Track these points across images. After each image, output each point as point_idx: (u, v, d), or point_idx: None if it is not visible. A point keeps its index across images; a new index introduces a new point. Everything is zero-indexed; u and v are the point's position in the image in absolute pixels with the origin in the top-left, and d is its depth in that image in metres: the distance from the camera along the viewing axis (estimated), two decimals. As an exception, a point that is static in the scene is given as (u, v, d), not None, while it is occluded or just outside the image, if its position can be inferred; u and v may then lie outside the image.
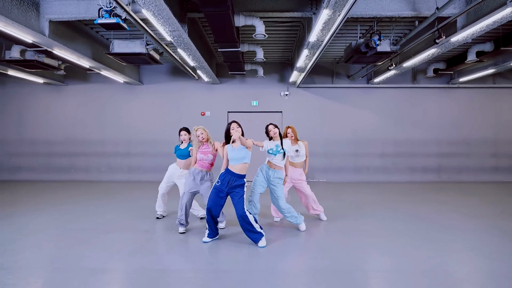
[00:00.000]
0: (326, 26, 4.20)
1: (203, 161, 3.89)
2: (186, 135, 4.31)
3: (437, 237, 3.71)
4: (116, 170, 8.62)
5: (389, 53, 5.41)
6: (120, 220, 4.45)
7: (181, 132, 4.34)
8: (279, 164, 3.89)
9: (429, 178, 8.45)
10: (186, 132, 4.33)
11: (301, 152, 4.34)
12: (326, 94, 8.63)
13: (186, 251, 3.36)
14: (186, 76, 8.54)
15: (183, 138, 4.32)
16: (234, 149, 3.48)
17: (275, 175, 3.89)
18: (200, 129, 3.91)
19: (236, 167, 3.45)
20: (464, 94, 8.62)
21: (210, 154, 3.91)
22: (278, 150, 3.84)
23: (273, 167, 3.91)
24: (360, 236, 3.80)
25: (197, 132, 3.89)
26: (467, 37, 4.66)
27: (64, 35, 5.32)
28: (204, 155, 3.88)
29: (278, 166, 3.90)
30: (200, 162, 3.89)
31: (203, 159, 3.88)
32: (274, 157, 3.87)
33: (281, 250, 3.35)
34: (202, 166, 3.89)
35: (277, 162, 3.88)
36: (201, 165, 3.89)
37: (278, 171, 3.90)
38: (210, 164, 3.94)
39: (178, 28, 4.36)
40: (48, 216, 4.65)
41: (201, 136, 3.89)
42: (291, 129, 4.38)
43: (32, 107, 8.77)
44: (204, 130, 3.93)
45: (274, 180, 3.89)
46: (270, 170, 3.90)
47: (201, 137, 3.89)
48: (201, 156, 3.88)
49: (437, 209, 5.15)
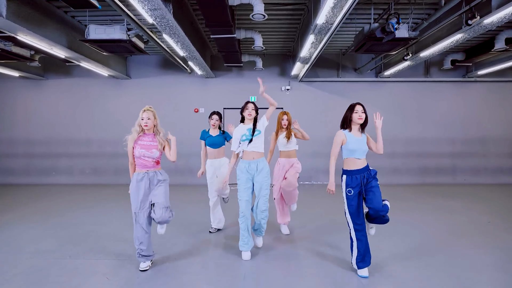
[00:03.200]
0: (338, 3, 3.47)
1: (144, 159, 2.73)
2: (218, 121, 3.85)
3: (481, 269, 3.02)
4: (102, 172, 7.89)
5: (407, 39, 4.71)
6: (92, 238, 3.72)
7: (212, 116, 3.85)
8: (259, 149, 3.15)
9: (443, 180, 7.76)
10: (218, 117, 3.85)
11: (292, 139, 3.77)
12: (331, 88, 7.90)
13: (164, 284, 2.64)
14: (178, 69, 7.79)
15: (213, 124, 3.83)
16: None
17: (260, 165, 3.13)
18: (148, 111, 2.77)
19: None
20: (481, 89, 7.91)
21: (155, 150, 2.77)
22: (251, 133, 3.11)
23: (254, 156, 3.13)
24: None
25: (145, 113, 2.75)
26: (504, 18, 3.94)
27: (30, 18, 4.54)
28: (146, 151, 2.74)
29: (259, 152, 3.15)
30: (140, 160, 2.74)
31: (144, 156, 2.73)
32: (250, 143, 3.10)
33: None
34: (145, 166, 2.76)
35: (256, 148, 3.13)
36: (143, 166, 2.75)
37: (261, 159, 3.16)
38: (156, 162, 2.81)
39: (160, 6, 3.62)
40: (10, 232, 3.91)
41: (148, 120, 2.74)
42: (287, 116, 3.80)
43: (8, 104, 8.00)
44: (154, 115, 2.81)
45: (262, 172, 3.10)
46: (252, 162, 3.12)
47: (144, 123, 2.74)
48: (141, 152, 2.72)
49: (464, 219, 4.45)
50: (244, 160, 3.17)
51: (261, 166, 3.12)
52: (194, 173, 7.35)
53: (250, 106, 3.16)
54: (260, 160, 3.14)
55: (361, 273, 2.69)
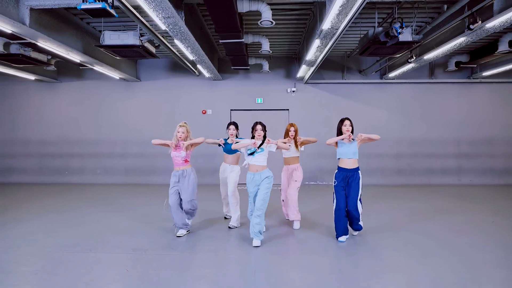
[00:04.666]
0: (343, 10, 3.61)
1: (176, 158, 3.79)
2: (235, 130, 4.23)
3: (474, 263, 3.13)
4: (112, 172, 8.13)
5: (411, 43, 4.83)
6: (108, 234, 3.93)
7: (230, 126, 4.24)
8: (262, 163, 3.54)
9: (449, 180, 7.82)
10: (234, 126, 4.24)
11: (292, 147, 4.15)
12: (336, 90, 8.03)
13: (178, 279, 2.82)
14: (186, 72, 8.00)
15: (231, 133, 4.20)
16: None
17: (263, 175, 3.52)
18: (183, 126, 3.81)
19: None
20: (486, 90, 7.96)
21: (182, 150, 3.78)
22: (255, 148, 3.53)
23: (257, 168, 3.52)
24: (373, 259, 3.23)
25: (181, 128, 3.79)
26: (505, 23, 4.04)
27: (50, 25, 4.79)
28: (177, 153, 3.77)
29: (262, 165, 3.54)
30: (174, 160, 3.81)
31: (176, 157, 3.78)
32: (253, 157, 3.52)
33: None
34: (177, 164, 3.80)
35: (259, 162, 3.53)
36: (176, 164, 3.80)
37: (264, 171, 3.53)
38: (185, 160, 3.81)
39: (173, 14, 3.81)
40: (30, 229, 4.13)
41: (182, 134, 3.79)
42: (294, 127, 4.19)
43: (24, 106, 8.31)
44: (187, 130, 3.84)
45: (264, 181, 3.50)
46: (256, 174, 3.51)
47: (179, 135, 3.78)
48: (174, 154, 3.78)
49: (465, 219, 4.55)
50: (249, 172, 3.57)
51: (264, 175, 3.51)
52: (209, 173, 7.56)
53: (259, 128, 3.59)
54: (264, 171, 3.52)
55: (340, 239, 3.57)
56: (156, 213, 4.89)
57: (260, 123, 3.64)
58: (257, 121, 3.68)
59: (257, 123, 3.64)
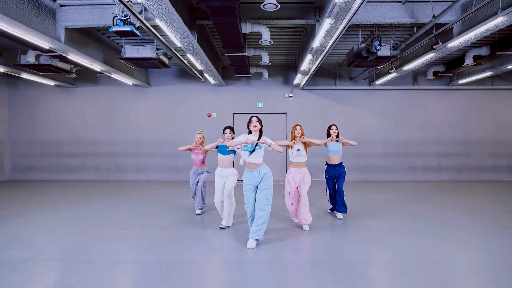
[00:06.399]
0: (328, 34, 4.42)
1: (195, 160, 4.97)
2: (231, 134, 4.36)
3: (435, 233, 3.93)
4: (125, 170, 8.88)
5: (389, 57, 5.63)
6: (134, 217, 4.70)
7: (225, 130, 4.33)
8: (259, 160, 3.50)
9: (430, 177, 8.65)
10: (230, 130, 4.37)
11: (302, 152, 4.18)
12: (329, 95, 8.85)
13: (199, 244, 3.60)
14: (193, 79, 8.79)
15: (227, 137, 4.29)
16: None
17: (262, 171, 3.48)
18: (200, 134, 5.00)
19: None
20: (464, 96, 8.81)
21: (200, 155, 4.96)
22: (254, 146, 3.45)
23: (254, 166, 3.49)
24: (361, 232, 4.03)
25: (199, 135, 4.97)
26: (463, 43, 4.87)
27: (78, 40, 5.57)
28: (196, 156, 4.95)
29: (259, 163, 3.49)
30: (194, 161, 5.00)
31: (195, 159, 4.97)
32: (250, 154, 3.46)
33: (283, 244, 3.59)
34: (196, 164, 5.01)
35: (255, 160, 3.47)
36: (195, 164, 5.01)
37: (262, 167, 3.51)
38: (202, 162, 5.00)
39: (188, 35, 4.60)
40: (65, 213, 4.91)
41: (200, 139, 4.94)
42: (300, 127, 4.19)
43: (43, 109, 9.05)
44: (203, 136, 5.00)
45: (264, 177, 3.47)
46: (255, 171, 3.48)
47: (198, 140, 4.93)
48: (193, 157, 4.97)
49: (436, 207, 5.37)
50: (247, 169, 3.54)
51: (263, 171, 3.48)
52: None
53: (254, 120, 3.59)
54: (261, 167, 3.50)
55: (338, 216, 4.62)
56: (168, 204, 5.66)
57: (255, 116, 3.63)
58: (252, 115, 3.74)
59: (252, 116, 3.64)
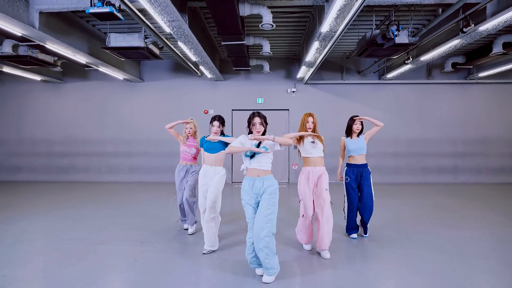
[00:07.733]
0: (341, 14, 3.79)
1: (185, 153, 3.98)
2: (219, 127, 3.38)
3: (468, 251, 3.30)
4: (117, 171, 8.31)
5: (407, 45, 4.98)
6: (115, 228, 4.09)
7: (213, 122, 3.36)
8: (266, 166, 2.66)
9: (445, 179, 7.98)
10: (219, 122, 3.38)
11: (318, 144, 3.28)
12: (335, 90, 8.20)
13: (183, 267, 2.99)
14: (189, 73, 8.18)
15: (215, 131, 3.35)
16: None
17: (266, 183, 2.62)
18: (190, 123, 4.00)
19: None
20: (483, 90, 8.12)
21: (193, 148, 3.98)
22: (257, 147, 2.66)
23: (258, 173, 2.64)
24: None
25: (189, 124, 3.98)
26: (498, 26, 4.21)
27: (57, 28, 4.97)
28: (188, 148, 3.97)
29: (265, 170, 2.66)
30: (183, 155, 3.99)
31: (186, 152, 3.98)
32: (252, 159, 2.64)
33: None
34: (185, 159, 3.99)
35: (262, 165, 2.64)
36: (184, 159, 3.99)
37: (267, 177, 2.65)
38: (193, 157, 4.01)
39: (177, 17, 3.98)
40: (42, 223, 4.32)
41: (190, 130, 3.98)
42: (313, 118, 3.33)
43: (30, 106, 8.49)
44: (194, 125, 4.02)
45: (268, 189, 2.60)
46: (257, 179, 2.64)
47: (188, 131, 3.98)
48: (184, 149, 3.98)
49: (461, 214, 4.72)
50: (247, 177, 2.67)
51: (267, 183, 2.61)
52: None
53: (257, 121, 2.66)
54: (267, 177, 2.64)
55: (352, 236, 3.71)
56: (160, 209, 5.06)
57: (258, 115, 2.69)
58: (254, 112, 2.72)
59: (254, 115, 2.69)
